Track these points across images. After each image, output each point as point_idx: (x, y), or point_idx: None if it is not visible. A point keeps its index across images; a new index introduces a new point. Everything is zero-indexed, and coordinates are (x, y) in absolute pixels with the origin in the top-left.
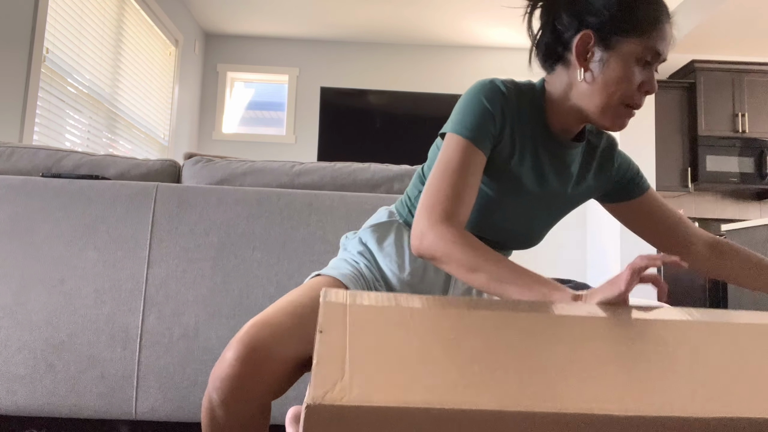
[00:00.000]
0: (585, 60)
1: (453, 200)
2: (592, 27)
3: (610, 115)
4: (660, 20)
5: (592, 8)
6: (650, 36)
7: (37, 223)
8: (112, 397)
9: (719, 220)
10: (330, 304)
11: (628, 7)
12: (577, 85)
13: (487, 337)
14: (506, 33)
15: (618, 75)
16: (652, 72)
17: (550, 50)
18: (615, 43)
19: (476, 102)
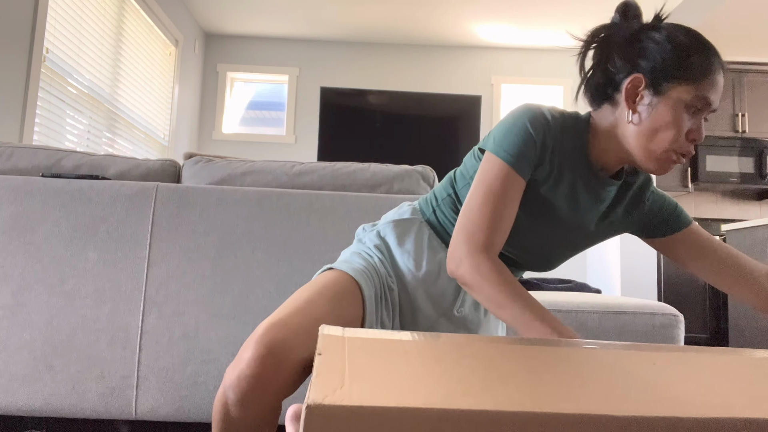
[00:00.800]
0: (634, 102)
1: (492, 229)
2: (644, 71)
3: (654, 159)
4: (712, 70)
5: (645, 53)
6: (702, 84)
7: (37, 223)
8: (112, 397)
9: (719, 220)
10: (328, 336)
11: (683, 55)
12: (624, 127)
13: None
14: (506, 33)
15: (666, 120)
16: (700, 121)
17: (600, 90)
18: (666, 88)
19: (520, 126)
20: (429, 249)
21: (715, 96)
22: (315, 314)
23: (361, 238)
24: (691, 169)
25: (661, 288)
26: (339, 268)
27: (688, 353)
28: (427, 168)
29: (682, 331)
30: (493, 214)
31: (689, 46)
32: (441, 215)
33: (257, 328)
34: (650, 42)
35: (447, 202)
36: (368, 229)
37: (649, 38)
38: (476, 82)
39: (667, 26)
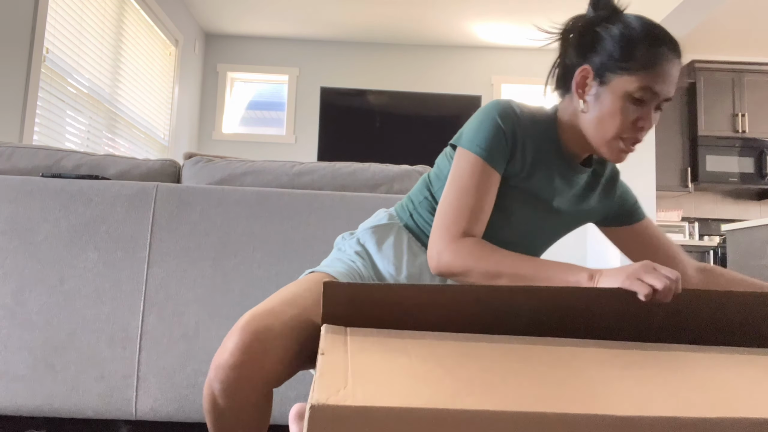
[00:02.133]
0: (583, 92)
1: (469, 220)
2: (592, 63)
3: (605, 147)
4: (658, 61)
5: (597, 45)
6: (646, 75)
7: (37, 223)
8: (112, 397)
9: (719, 220)
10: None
11: (628, 46)
12: (580, 116)
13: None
14: (506, 33)
15: (610, 110)
16: (648, 109)
17: (560, 81)
18: (609, 79)
19: (490, 120)
20: (409, 253)
21: (661, 86)
22: (300, 304)
23: (341, 247)
24: (691, 169)
25: None
26: (322, 271)
27: (677, 352)
28: (427, 168)
29: None
30: (469, 207)
31: (636, 37)
32: (419, 218)
33: (241, 318)
34: (604, 34)
35: (424, 204)
36: (347, 237)
37: (603, 30)
38: (476, 82)
39: (623, 18)
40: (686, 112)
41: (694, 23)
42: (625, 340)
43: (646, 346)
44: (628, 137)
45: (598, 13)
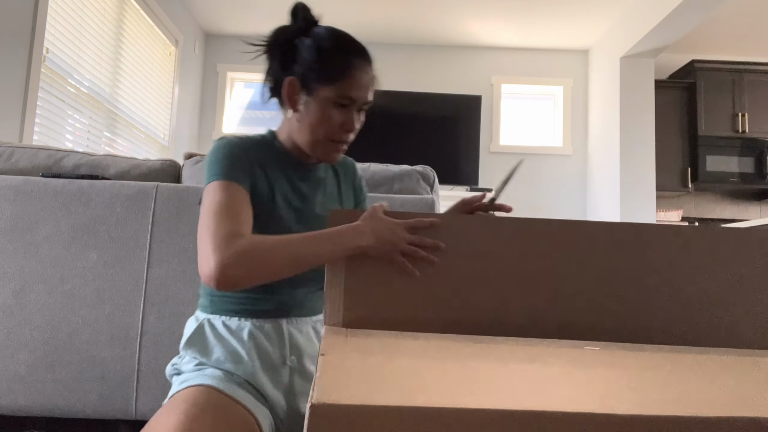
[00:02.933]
0: (294, 102)
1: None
2: (297, 74)
3: (319, 149)
4: (349, 72)
5: (297, 59)
6: (342, 84)
7: (37, 223)
8: (112, 397)
9: (719, 220)
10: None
11: (321, 59)
12: (292, 124)
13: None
14: (506, 33)
15: (318, 117)
16: (351, 113)
17: (274, 92)
18: (314, 89)
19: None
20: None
21: (357, 93)
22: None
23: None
24: (691, 169)
25: None
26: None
27: (672, 354)
28: (427, 168)
29: None
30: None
31: (327, 50)
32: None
33: None
34: (302, 47)
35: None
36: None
37: (301, 43)
38: (476, 82)
39: (316, 31)
40: (686, 112)
41: (694, 23)
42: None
43: (643, 347)
44: (337, 140)
45: (296, 25)
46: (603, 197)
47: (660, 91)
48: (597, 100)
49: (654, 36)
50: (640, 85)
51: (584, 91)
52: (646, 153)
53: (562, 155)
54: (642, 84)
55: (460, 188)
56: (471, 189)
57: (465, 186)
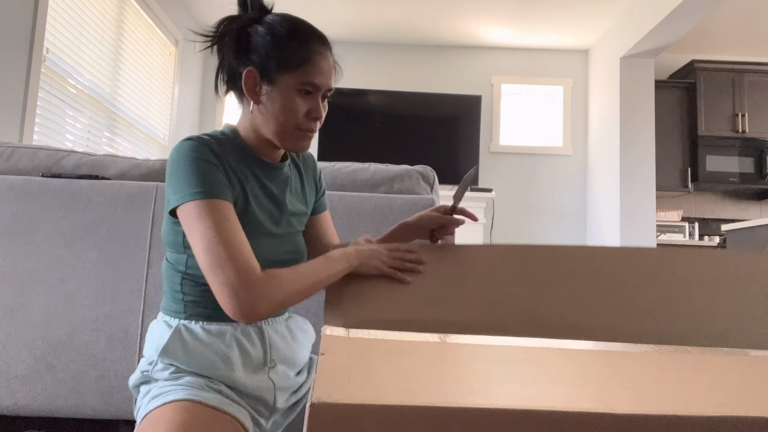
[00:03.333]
0: (254, 93)
1: (238, 257)
2: (255, 64)
3: (287, 139)
4: (310, 58)
5: (252, 47)
6: (304, 70)
7: (37, 223)
8: (112, 397)
9: (719, 220)
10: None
11: (280, 47)
12: (255, 116)
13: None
14: (506, 33)
15: (282, 106)
16: (317, 100)
17: (230, 84)
18: (275, 78)
19: (190, 161)
20: (212, 339)
21: (320, 78)
22: None
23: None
24: (691, 169)
25: None
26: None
27: (680, 354)
28: (427, 168)
29: None
30: (231, 248)
31: (285, 36)
32: (190, 299)
33: None
34: (256, 35)
35: (187, 284)
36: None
37: (255, 32)
38: (476, 82)
39: (270, 19)
40: (686, 112)
41: (694, 23)
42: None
43: (641, 346)
44: (305, 128)
45: (248, 14)
46: (603, 197)
47: (660, 91)
48: (597, 100)
49: (654, 36)
50: (640, 85)
51: (584, 91)
52: (646, 153)
53: (562, 155)
54: (642, 84)
55: None
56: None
57: None
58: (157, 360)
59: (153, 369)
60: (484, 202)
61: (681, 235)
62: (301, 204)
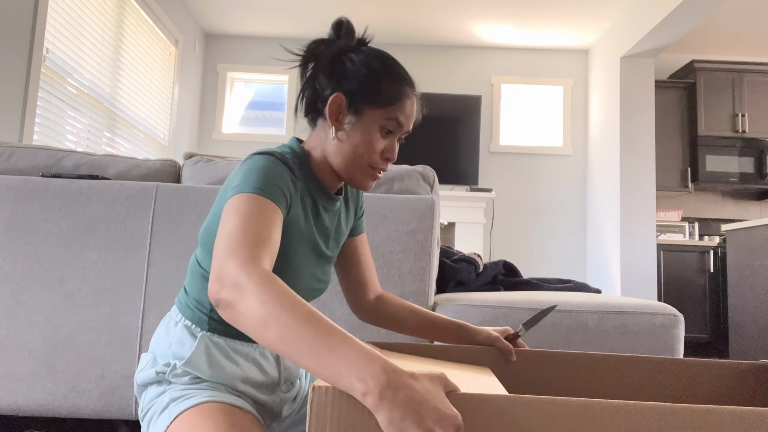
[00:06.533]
0: (336, 120)
1: (257, 245)
2: (345, 91)
3: (357, 175)
4: (401, 98)
5: (347, 74)
6: (393, 109)
7: (37, 223)
8: (112, 397)
9: (719, 220)
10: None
11: (375, 81)
12: (330, 143)
13: None
14: (507, 33)
15: (362, 139)
16: (394, 141)
17: (311, 105)
18: (362, 109)
19: (259, 165)
20: (237, 356)
21: (405, 120)
22: None
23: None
24: (691, 169)
25: (661, 288)
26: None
27: None
28: (427, 168)
29: (682, 331)
30: (256, 232)
31: (382, 73)
32: (218, 316)
33: None
34: (350, 64)
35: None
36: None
37: (350, 60)
38: (476, 82)
39: (366, 51)
40: (686, 112)
41: (694, 23)
42: None
43: None
44: (377, 167)
45: (342, 41)
46: (603, 197)
47: (660, 91)
48: (597, 100)
49: (654, 36)
50: (640, 85)
51: (584, 91)
52: (646, 153)
53: (562, 155)
54: (642, 84)
55: (460, 188)
56: (471, 189)
57: (465, 186)
58: (176, 364)
59: (170, 372)
60: (484, 202)
61: (681, 235)
62: (342, 237)
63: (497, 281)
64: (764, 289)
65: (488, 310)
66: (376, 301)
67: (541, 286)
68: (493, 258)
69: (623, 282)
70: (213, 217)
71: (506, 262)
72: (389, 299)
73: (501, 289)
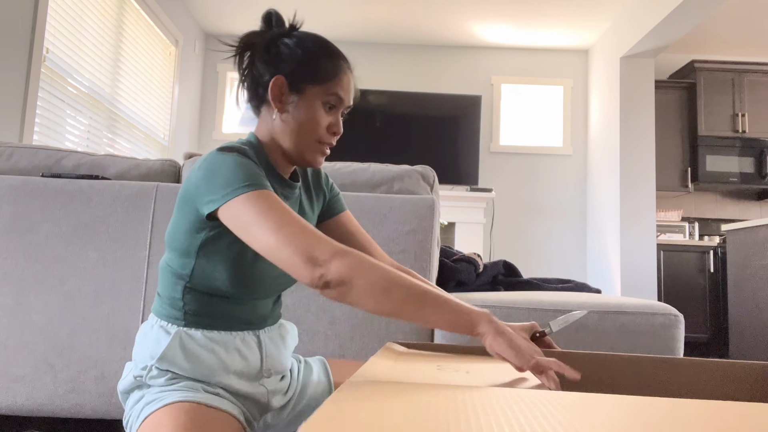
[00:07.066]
0: (280, 102)
1: (309, 228)
2: (285, 74)
3: (306, 152)
4: (338, 73)
5: (284, 57)
6: (332, 84)
7: (37, 223)
8: (112, 397)
9: (719, 220)
10: None
11: (311, 60)
12: (276, 126)
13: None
14: (506, 33)
15: (306, 117)
16: (338, 115)
17: (252, 92)
18: (303, 88)
19: (232, 161)
20: (214, 346)
21: (345, 94)
22: None
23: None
24: (691, 169)
25: (661, 288)
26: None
27: None
28: (427, 168)
29: (682, 331)
30: (296, 222)
31: (317, 51)
32: (192, 308)
33: None
34: (285, 48)
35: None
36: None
37: (284, 44)
38: (476, 82)
39: (298, 34)
40: (686, 112)
41: (694, 23)
42: None
43: None
44: (325, 142)
45: (275, 29)
46: (603, 197)
47: (660, 91)
48: (597, 100)
49: (654, 36)
50: (640, 85)
51: (584, 91)
52: (646, 153)
53: (562, 155)
54: (642, 84)
55: (460, 188)
56: (471, 189)
57: (465, 186)
58: (152, 366)
59: (147, 375)
60: (484, 202)
61: (681, 235)
62: None
63: (497, 281)
64: (764, 289)
65: (488, 310)
66: None
67: (541, 286)
68: (493, 258)
69: (623, 282)
70: (177, 218)
71: (506, 262)
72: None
73: (501, 289)
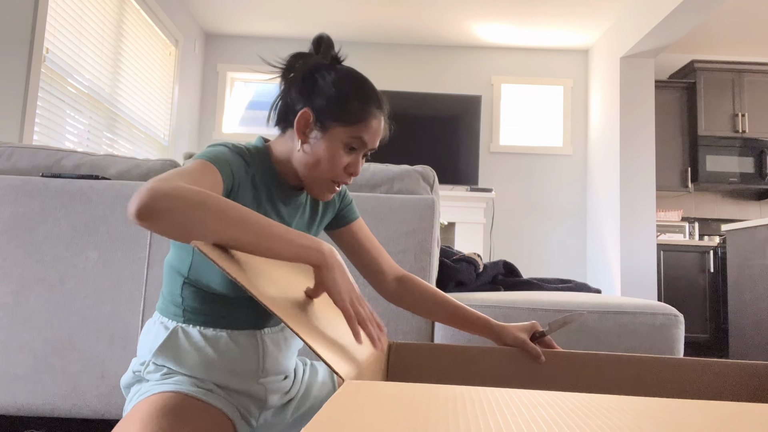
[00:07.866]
0: (303, 134)
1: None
2: (314, 107)
3: (316, 186)
4: (367, 118)
5: (317, 90)
6: (357, 127)
7: (37, 223)
8: (112, 397)
9: (719, 220)
10: None
11: (342, 101)
12: (296, 153)
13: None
14: (506, 33)
15: (326, 154)
16: (358, 157)
17: (281, 115)
18: (328, 126)
19: (214, 149)
20: (207, 343)
21: (370, 139)
22: None
23: (145, 378)
24: (691, 169)
25: (661, 288)
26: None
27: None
28: (427, 168)
29: (682, 331)
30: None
31: (349, 93)
32: (190, 305)
33: None
34: (322, 81)
35: (187, 289)
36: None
37: (321, 77)
38: (476, 82)
39: (339, 69)
40: (686, 112)
41: (694, 23)
42: None
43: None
44: (337, 179)
45: (318, 57)
46: (603, 197)
47: (660, 91)
48: (597, 100)
49: (654, 36)
50: (640, 85)
51: (584, 91)
52: (646, 153)
53: (562, 155)
54: (642, 84)
55: (460, 188)
56: (471, 189)
57: (465, 186)
58: (149, 361)
59: (145, 370)
60: (484, 202)
61: (681, 235)
62: (308, 232)
63: (497, 281)
64: (764, 289)
65: (488, 310)
66: (398, 285)
67: (541, 286)
68: (493, 258)
69: (623, 282)
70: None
71: (506, 262)
72: (412, 284)
73: (501, 289)
